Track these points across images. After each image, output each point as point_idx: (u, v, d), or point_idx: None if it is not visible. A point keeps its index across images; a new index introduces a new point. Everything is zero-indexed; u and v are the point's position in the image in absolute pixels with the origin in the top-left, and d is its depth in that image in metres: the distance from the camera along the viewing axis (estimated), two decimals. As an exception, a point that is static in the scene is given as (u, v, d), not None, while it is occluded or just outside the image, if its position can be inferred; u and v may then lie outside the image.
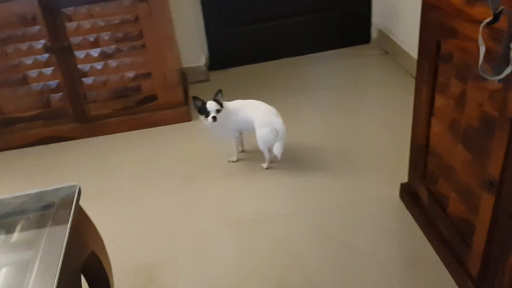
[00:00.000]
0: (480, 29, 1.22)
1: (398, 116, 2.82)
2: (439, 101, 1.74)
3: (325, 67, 3.59)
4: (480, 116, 1.47)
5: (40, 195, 1.48)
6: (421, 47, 1.80)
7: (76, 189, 1.46)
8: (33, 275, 1.19)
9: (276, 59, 3.75)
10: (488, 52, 1.29)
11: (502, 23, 1.20)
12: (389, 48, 3.55)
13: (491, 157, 1.42)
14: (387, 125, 2.79)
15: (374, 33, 3.76)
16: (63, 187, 1.48)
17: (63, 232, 1.30)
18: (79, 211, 1.47)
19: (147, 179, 2.61)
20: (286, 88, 3.35)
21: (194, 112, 3.09)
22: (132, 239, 2.22)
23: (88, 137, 3.03)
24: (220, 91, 2.44)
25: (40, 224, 1.37)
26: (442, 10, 1.59)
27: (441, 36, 1.64)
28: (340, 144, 2.67)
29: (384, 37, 3.59)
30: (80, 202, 1.51)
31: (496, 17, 1.17)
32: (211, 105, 2.41)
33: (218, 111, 2.41)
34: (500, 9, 1.14)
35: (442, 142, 1.76)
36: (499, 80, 1.19)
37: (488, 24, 1.20)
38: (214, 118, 2.40)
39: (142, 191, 2.53)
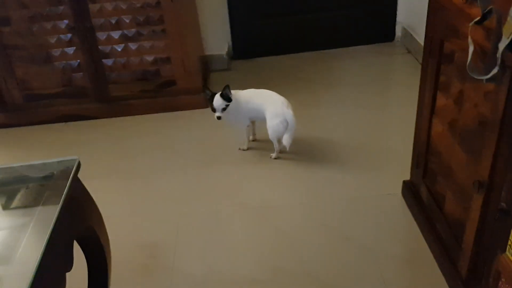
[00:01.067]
0: (469, 28, 1.22)
1: (414, 116, 2.80)
2: (440, 100, 1.74)
3: (348, 63, 3.59)
4: (475, 117, 1.47)
5: (41, 166, 1.54)
6: (426, 46, 1.80)
7: (75, 162, 1.51)
8: (24, 239, 1.25)
9: (299, 52, 3.76)
10: (482, 52, 1.29)
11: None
12: (412, 48, 3.52)
13: (482, 158, 1.43)
14: (402, 124, 2.77)
15: (398, 31, 3.73)
16: (63, 160, 1.53)
17: (57, 202, 1.36)
18: (78, 185, 1.53)
19: (160, 161, 2.67)
20: (308, 81, 3.37)
21: (211, 99, 3.17)
22: (137, 217, 2.29)
23: (108, 117, 3.11)
24: (227, 86, 2.47)
25: (38, 193, 1.44)
26: (446, 10, 1.59)
27: (445, 36, 1.64)
28: (353, 139, 2.68)
29: (408, 36, 3.57)
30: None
31: (484, 17, 1.17)
32: (217, 102, 2.45)
33: (224, 109, 2.46)
34: (488, 8, 1.15)
35: (442, 142, 1.76)
36: (486, 80, 1.20)
37: (477, 23, 1.20)
38: (219, 117, 2.47)
39: (154, 172, 2.59)
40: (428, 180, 1.93)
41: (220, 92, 2.47)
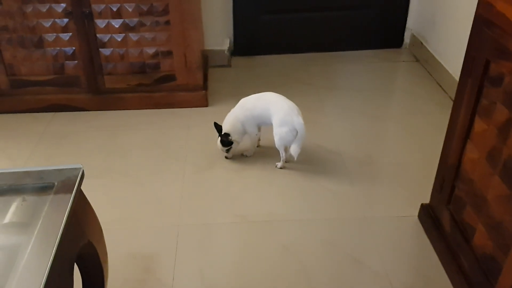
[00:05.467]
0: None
1: (425, 129, 2.69)
2: (479, 125, 1.60)
3: (352, 68, 3.45)
4: (526, 150, 1.34)
5: (39, 174, 1.36)
6: (467, 64, 1.66)
7: (79, 172, 1.34)
8: (22, 263, 1.08)
9: (302, 52, 3.61)
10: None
11: None
12: (421, 56, 3.39)
13: (533, 197, 1.30)
14: (412, 137, 2.65)
15: (407, 38, 3.60)
16: (65, 169, 1.35)
17: (60, 219, 1.19)
18: (80, 197, 1.36)
19: (155, 162, 2.50)
20: (311, 84, 3.22)
21: (211, 97, 3.00)
22: (131, 225, 2.11)
23: (99, 110, 2.92)
24: (226, 134, 2.41)
25: (36, 206, 1.26)
26: (497, 27, 1.45)
27: (492, 56, 1.50)
28: (361, 151, 2.54)
29: (417, 43, 3.44)
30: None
31: None
32: (219, 146, 2.46)
33: (228, 150, 2.47)
34: None
35: (476, 170, 1.63)
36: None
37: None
38: (226, 157, 2.51)
39: (148, 174, 2.41)
40: (454, 207, 1.80)
41: (219, 138, 2.44)
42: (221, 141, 2.41)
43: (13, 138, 2.70)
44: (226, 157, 2.49)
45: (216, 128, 2.42)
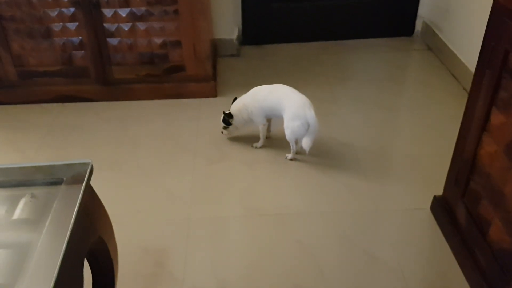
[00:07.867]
0: None
1: (438, 120, 2.64)
2: (497, 117, 1.56)
3: (363, 56, 3.40)
4: (547, 144, 1.31)
5: (48, 169, 1.34)
6: (484, 55, 1.61)
7: (88, 167, 1.31)
8: (33, 260, 1.06)
9: (312, 41, 3.56)
10: None
11: None
12: (433, 45, 3.34)
13: (554, 193, 1.26)
14: (424, 128, 2.60)
15: (418, 26, 3.54)
16: (74, 164, 1.33)
17: (69, 215, 1.16)
18: (90, 192, 1.33)
19: (165, 154, 2.47)
20: (322, 74, 3.17)
21: (221, 87, 2.97)
22: (142, 218, 2.10)
23: (108, 100, 2.89)
24: (228, 114, 2.45)
25: (45, 202, 1.24)
26: (518, 18, 1.41)
27: (512, 47, 1.46)
28: (373, 143, 2.50)
29: (429, 31, 3.38)
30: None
31: None
32: (221, 122, 2.51)
33: (225, 128, 2.51)
34: None
35: (493, 163, 1.59)
36: None
37: None
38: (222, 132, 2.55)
39: (158, 166, 2.39)
40: (469, 201, 1.76)
41: (222, 116, 2.48)
42: (222, 118, 2.46)
43: (22, 129, 2.69)
44: (222, 132, 2.54)
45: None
